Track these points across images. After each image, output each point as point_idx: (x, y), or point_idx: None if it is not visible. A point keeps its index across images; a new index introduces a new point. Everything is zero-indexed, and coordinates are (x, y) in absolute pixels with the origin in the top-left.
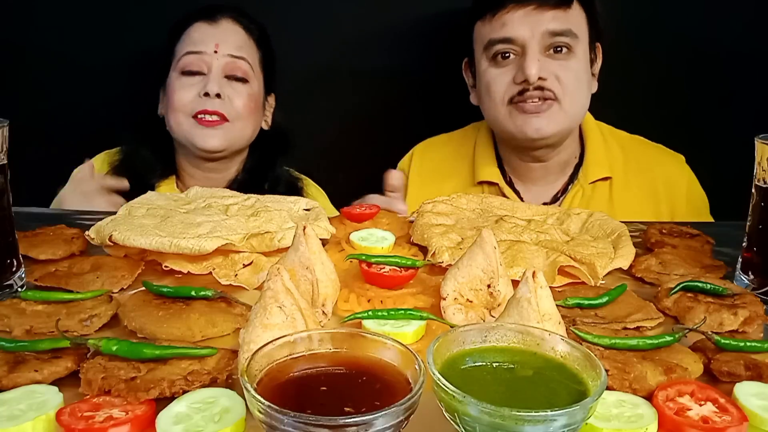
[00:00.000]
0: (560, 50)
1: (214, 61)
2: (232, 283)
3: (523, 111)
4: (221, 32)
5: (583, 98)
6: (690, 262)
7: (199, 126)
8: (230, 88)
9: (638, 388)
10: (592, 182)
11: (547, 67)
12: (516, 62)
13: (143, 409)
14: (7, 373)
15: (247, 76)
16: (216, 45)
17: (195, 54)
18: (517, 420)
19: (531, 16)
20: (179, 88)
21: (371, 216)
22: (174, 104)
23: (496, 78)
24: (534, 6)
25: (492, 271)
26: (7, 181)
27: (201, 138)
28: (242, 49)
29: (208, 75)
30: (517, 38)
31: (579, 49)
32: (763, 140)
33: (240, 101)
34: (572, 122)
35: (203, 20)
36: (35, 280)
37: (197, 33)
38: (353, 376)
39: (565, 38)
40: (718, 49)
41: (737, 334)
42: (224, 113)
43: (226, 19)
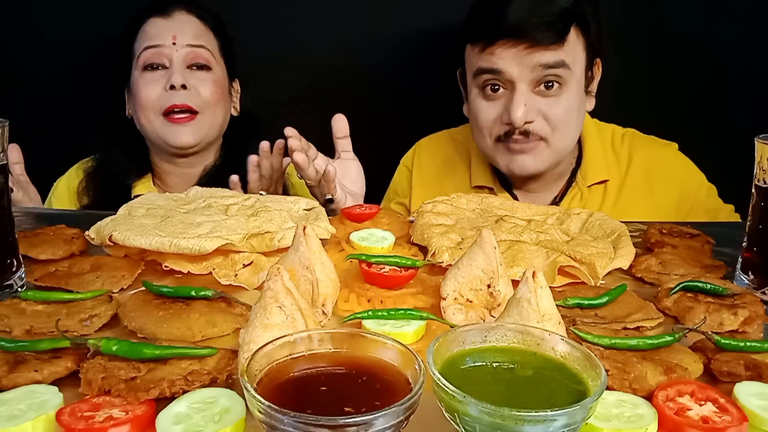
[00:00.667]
0: (551, 85)
1: (174, 53)
2: (232, 283)
3: (509, 150)
4: (176, 24)
5: (572, 132)
6: (690, 262)
7: (170, 124)
8: (194, 77)
9: (638, 388)
10: (590, 185)
11: (535, 106)
12: (504, 98)
13: (143, 409)
14: (7, 373)
15: (210, 63)
16: (174, 36)
17: (154, 48)
18: (517, 420)
19: (522, 55)
20: (144, 85)
21: (371, 216)
22: (141, 102)
23: (484, 111)
24: (526, 45)
25: (492, 271)
26: (7, 181)
27: (173, 135)
28: (200, 37)
29: (171, 68)
30: (505, 72)
31: (572, 79)
32: (763, 140)
33: (206, 89)
34: (559, 156)
35: (156, 15)
36: (35, 280)
37: (152, 28)
38: (353, 376)
39: (557, 70)
40: (718, 48)
41: (737, 334)
42: (192, 105)
43: (179, 11)
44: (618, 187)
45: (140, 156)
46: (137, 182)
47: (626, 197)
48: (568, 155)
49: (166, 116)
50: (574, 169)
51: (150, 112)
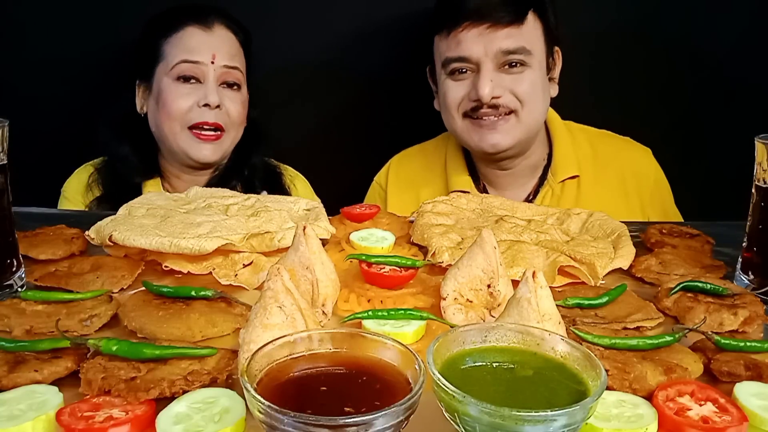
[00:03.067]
0: (515, 65)
1: (210, 71)
2: (232, 283)
3: (480, 126)
4: (217, 40)
5: (540, 107)
6: (690, 262)
7: (195, 139)
8: (226, 96)
9: (638, 388)
10: (561, 181)
11: (501, 83)
12: (471, 78)
13: (143, 409)
14: (7, 373)
15: (240, 83)
16: (213, 55)
17: (192, 63)
18: (517, 420)
19: (485, 35)
20: (176, 96)
21: (371, 216)
22: (170, 113)
23: (452, 90)
24: (488, 25)
25: (492, 271)
26: (7, 181)
27: (197, 150)
28: (235, 57)
29: (206, 84)
30: (471, 57)
31: (534, 61)
32: (763, 140)
33: (235, 109)
34: (529, 131)
35: (196, 24)
36: (35, 280)
37: (192, 40)
38: (353, 376)
39: (518, 55)
40: (718, 48)
41: (737, 334)
42: (222, 123)
43: (219, 25)
44: (591, 185)
45: (148, 155)
46: (146, 182)
47: (597, 193)
48: (538, 141)
49: (191, 129)
50: (545, 167)
51: (177, 124)
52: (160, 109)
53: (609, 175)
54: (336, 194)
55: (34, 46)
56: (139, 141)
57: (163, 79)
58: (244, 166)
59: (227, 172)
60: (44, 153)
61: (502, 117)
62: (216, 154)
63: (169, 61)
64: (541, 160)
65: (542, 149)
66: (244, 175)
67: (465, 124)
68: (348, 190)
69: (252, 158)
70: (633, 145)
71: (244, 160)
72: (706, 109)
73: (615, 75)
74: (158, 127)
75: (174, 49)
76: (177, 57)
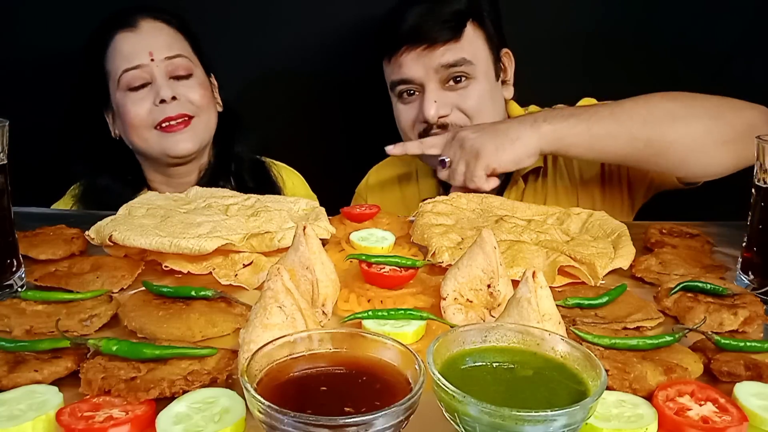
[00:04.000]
0: (459, 80)
1: (155, 69)
2: (232, 283)
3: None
4: (147, 37)
5: (490, 117)
6: (690, 262)
7: (165, 135)
8: (180, 87)
9: (638, 388)
10: (524, 175)
11: (447, 101)
12: (418, 99)
13: (143, 409)
14: (7, 373)
15: (190, 70)
16: (150, 53)
17: (133, 69)
18: (517, 420)
19: (423, 56)
20: (131, 105)
21: (371, 216)
22: (131, 122)
23: (403, 114)
24: (424, 46)
25: (492, 271)
26: (7, 181)
27: (172, 145)
28: (173, 46)
29: (155, 82)
30: (414, 78)
31: (478, 72)
32: (763, 140)
33: (195, 95)
34: None
35: (122, 29)
36: (35, 280)
37: (125, 45)
38: (353, 376)
39: (460, 68)
40: (718, 48)
41: (737, 334)
42: (186, 112)
43: (145, 21)
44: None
45: (134, 176)
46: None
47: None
48: None
49: (160, 128)
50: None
51: (143, 130)
52: (124, 124)
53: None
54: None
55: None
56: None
57: (116, 95)
58: (230, 160)
59: (214, 170)
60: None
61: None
62: (192, 142)
63: (114, 75)
64: None
65: None
66: (232, 170)
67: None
68: (346, 190)
69: (235, 148)
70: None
71: (227, 151)
72: None
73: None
74: (130, 141)
75: (113, 63)
76: (118, 69)
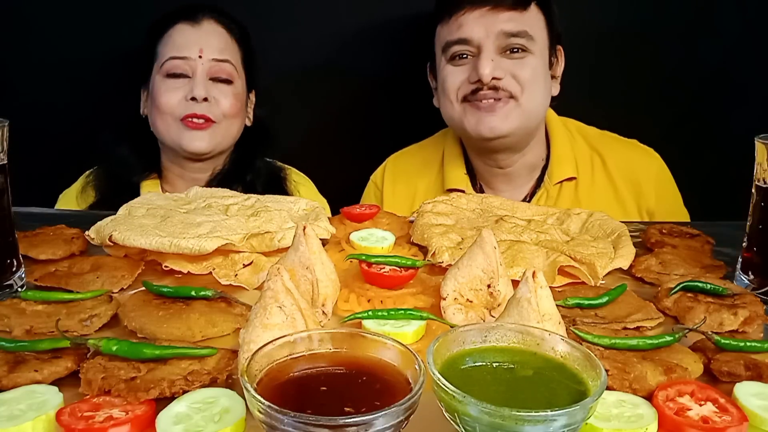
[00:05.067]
0: (516, 51)
1: (199, 66)
2: (232, 283)
3: (477, 109)
4: (204, 35)
5: (541, 96)
6: (690, 262)
7: (186, 129)
8: (216, 89)
9: (638, 388)
10: (557, 183)
11: (502, 66)
12: (472, 62)
13: (143, 409)
14: (7, 373)
15: (232, 77)
16: (200, 50)
17: (179, 59)
18: (517, 420)
19: (486, 17)
20: (165, 91)
21: (371, 216)
22: (160, 107)
23: (452, 75)
24: (489, 7)
25: (492, 271)
26: (7, 181)
27: (188, 140)
28: (225, 51)
29: (194, 78)
30: (472, 39)
31: (536, 49)
32: (763, 140)
33: (226, 102)
34: (528, 120)
35: (185, 21)
36: (35, 280)
37: (180, 36)
38: (353, 376)
39: (520, 39)
40: (719, 48)
41: (737, 334)
42: (210, 116)
43: (208, 20)
44: (588, 187)
45: (150, 155)
46: (145, 182)
47: (594, 197)
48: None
49: (183, 121)
50: (543, 168)
51: (168, 117)
52: (153, 106)
53: (608, 178)
54: (336, 194)
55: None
56: (140, 142)
57: (155, 78)
58: (247, 169)
59: (227, 174)
60: (45, 153)
61: (502, 99)
62: (207, 144)
63: (160, 59)
64: (539, 160)
65: (540, 149)
66: (245, 180)
67: (463, 108)
68: (348, 190)
69: (255, 161)
70: (636, 148)
71: (247, 161)
72: (706, 109)
73: (615, 74)
74: (154, 125)
75: (164, 48)
76: (166, 54)
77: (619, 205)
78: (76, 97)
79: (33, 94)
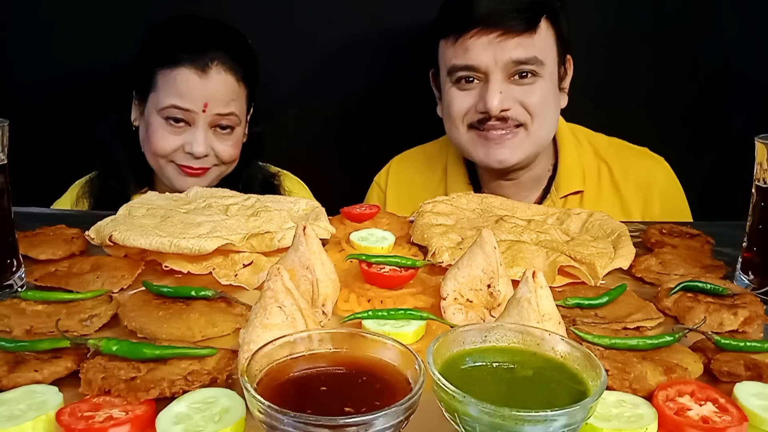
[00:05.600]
0: (525, 76)
1: (202, 118)
2: (232, 283)
3: (486, 140)
4: (211, 86)
5: (551, 120)
6: (690, 262)
7: (180, 173)
8: (215, 138)
9: (638, 388)
10: (564, 197)
11: (511, 94)
12: (479, 89)
13: (143, 409)
14: (7, 373)
15: (234, 125)
16: (205, 104)
17: (182, 110)
18: (517, 420)
19: (495, 44)
20: (161, 136)
21: (371, 216)
22: (156, 151)
23: (458, 101)
24: (498, 33)
25: (492, 271)
26: (7, 181)
27: (182, 183)
28: (231, 104)
29: (194, 130)
30: (480, 66)
31: (546, 72)
32: (763, 140)
33: (226, 152)
34: (538, 146)
35: (191, 67)
36: (35, 280)
37: (185, 84)
38: (353, 376)
39: (530, 66)
40: (719, 49)
41: (737, 334)
42: (207, 165)
43: (216, 68)
44: (594, 200)
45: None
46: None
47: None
48: (544, 152)
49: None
50: (550, 178)
51: (161, 159)
52: (147, 142)
53: (614, 188)
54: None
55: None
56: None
57: (153, 113)
58: (239, 178)
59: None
60: (45, 153)
61: (511, 131)
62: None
63: (161, 98)
64: (546, 171)
65: (547, 160)
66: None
67: (470, 137)
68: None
69: (250, 168)
70: (645, 157)
71: (239, 171)
72: (706, 110)
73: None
74: (145, 153)
75: (166, 88)
76: (168, 99)
77: (625, 215)
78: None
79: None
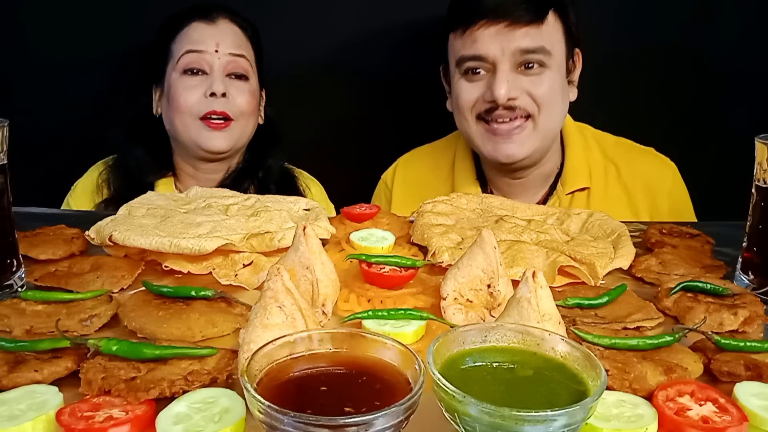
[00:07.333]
0: (532, 67)
1: (216, 60)
2: (232, 283)
3: (494, 134)
4: (220, 32)
5: (558, 112)
6: (690, 262)
7: (206, 128)
8: (233, 86)
9: (638, 388)
10: (569, 193)
11: (518, 84)
12: (487, 79)
13: (143, 409)
14: (7, 373)
15: (247, 73)
16: (216, 44)
17: (196, 53)
18: (517, 420)
19: (502, 34)
20: (183, 89)
21: (371, 216)
22: (180, 106)
23: (466, 91)
24: (506, 23)
25: (492, 271)
26: (7, 181)
27: (207, 140)
28: (241, 47)
29: (211, 74)
30: (487, 56)
31: (553, 63)
32: (763, 140)
33: (243, 99)
34: (546, 139)
35: (200, 20)
36: (35, 280)
37: (196, 33)
38: (353, 376)
39: (537, 55)
40: (719, 49)
41: (737, 334)
42: (229, 113)
43: (222, 19)
44: (601, 197)
45: (162, 155)
46: (158, 181)
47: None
48: (552, 149)
49: (203, 120)
50: (557, 175)
51: (187, 117)
52: (170, 105)
53: (621, 187)
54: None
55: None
56: (153, 142)
57: (171, 75)
58: (259, 168)
59: (241, 172)
60: (45, 153)
61: (518, 124)
62: (226, 143)
63: (176, 55)
64: (554, 168)
65: (555, 158)
66: (258, 176)
67: (479, 130)
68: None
69: (267, 159)
70: (652, 158)
71: (258, 160)
72: (706, 109)
73: (616, 75)
74: (171, 123)
75: (179, 45)
76: (182, 49)
77: (633, 214)
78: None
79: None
